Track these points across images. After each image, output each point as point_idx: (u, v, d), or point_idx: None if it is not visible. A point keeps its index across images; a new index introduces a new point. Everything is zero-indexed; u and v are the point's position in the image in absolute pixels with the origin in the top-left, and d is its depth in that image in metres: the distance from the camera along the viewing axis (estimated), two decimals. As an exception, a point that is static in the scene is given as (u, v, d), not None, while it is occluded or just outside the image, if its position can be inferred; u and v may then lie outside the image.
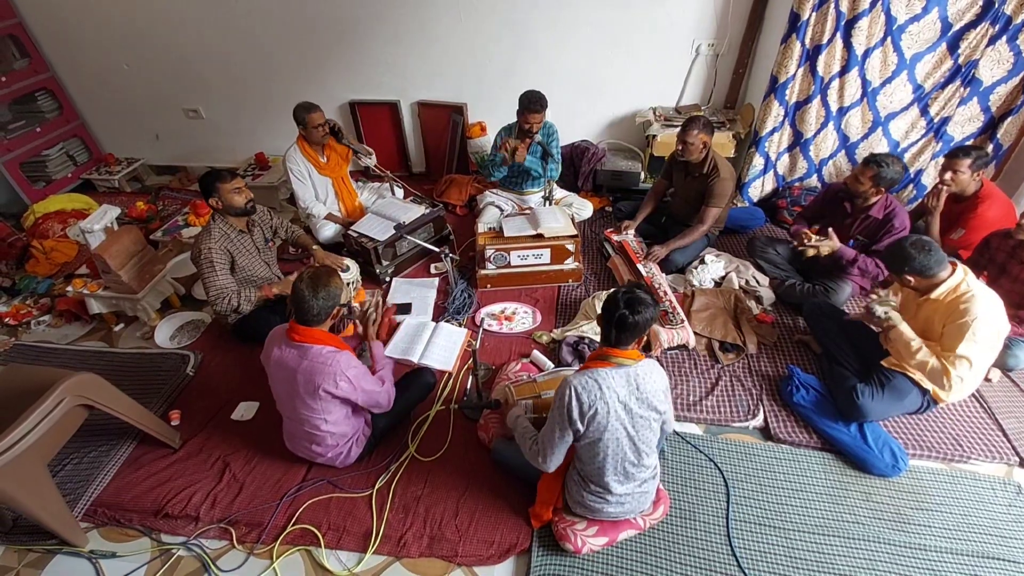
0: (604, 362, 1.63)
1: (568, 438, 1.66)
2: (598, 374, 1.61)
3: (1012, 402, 2.37)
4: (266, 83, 4.09)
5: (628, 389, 1.61)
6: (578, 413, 1.59)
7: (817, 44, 3.07)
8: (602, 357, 1.64)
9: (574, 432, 1.63)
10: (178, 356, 2.75)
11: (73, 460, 2.24)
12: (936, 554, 1.86)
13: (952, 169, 2.55)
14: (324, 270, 1.86)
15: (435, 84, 3.98)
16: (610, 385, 1.59)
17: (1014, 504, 2.00)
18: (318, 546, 1.92)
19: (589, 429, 1.61)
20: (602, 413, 1.59)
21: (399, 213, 3.19)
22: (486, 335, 2.79)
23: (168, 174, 4.75)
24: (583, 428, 1.61)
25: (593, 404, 1.58)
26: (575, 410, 1.59)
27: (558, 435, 1.66)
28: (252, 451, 2.25)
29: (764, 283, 2.99)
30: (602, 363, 1.63)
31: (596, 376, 1.60)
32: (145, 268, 2.90)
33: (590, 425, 1.61)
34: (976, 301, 1.95)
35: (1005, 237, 2.34)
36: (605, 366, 1.62)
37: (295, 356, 1.84)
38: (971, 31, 2.87)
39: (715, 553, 1.87)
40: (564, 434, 1.65)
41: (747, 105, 3.72)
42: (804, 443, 2.23)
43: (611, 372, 1.61)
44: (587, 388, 1.59)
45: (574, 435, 1.65)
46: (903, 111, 3.20)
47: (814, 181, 3.59)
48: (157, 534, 2.00)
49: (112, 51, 4.05)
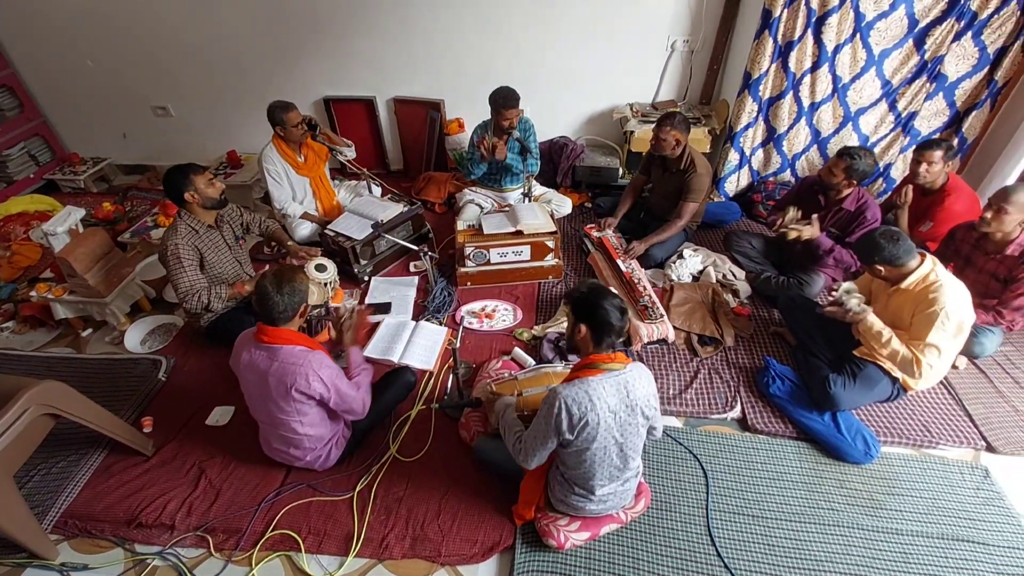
0: (593, 370, 1.58)
1: (552, 445, 1.64)
2: (588, 385, 1.56)
3: (978, 389, 2.45)
4: (238, 78, 3.99)
5: (619, 397, 1.57)
6: (567, 425, 1.56)
7: (789, 40, 3.11)
8: (591, 365, 1.59)
9: (560, 441, 1.61)
10: (149, 361, 2.68)
11: (41, 471, 2.16)
12: (908, 537, 1.91)
13: (926, 161, 2.61)
14: (288, 267, 1.83)
15: (412, 80, 3.93)
16: (600, 395, 1.55)
17: (981, 487, 2.07)
18: (298, 551, 1.89)
19: (578, 439, 1.58)
20: (592, 424, 1.55)
21: (377, 211, 3.15)
22: (467, 333, 2.78)
23: (136, 174, 4.61)
24: (572, 438, 1.58)
25: (584, 416, 1.54)
26: (564, 422, 1.55)
27: (541, 442, 1.64)
28: (228, 456, 2.20)
29: (741, 276, 3.04)
30: (591, 371, 1.58)
31: (587, 387, 1.55)
32: (113, 271, 2.81)
33: (579, 435, 1.57)
34: (944, 290, 2.01)
35: (970, 229, 2.40)
36: (595, 374, 1.57)
37: (265, 358, 1.80)
38: (937, 27, 2.94)
39: (696, 544, 1.89)
40: (548, 441, 1.62)
41: (722, 101, 3.76)
42: (780, 433, 2.27)
43: (601, 380, 1.56)
44: (578, 401, 1.54)
45: (560, 443, 1.63)
46: (872, 106, 3.27)
47: (788, 175, 3.65)
48: (131, 544, 1.94)
49: (75, 46, 3.91)
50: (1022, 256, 2.20)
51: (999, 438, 2.22)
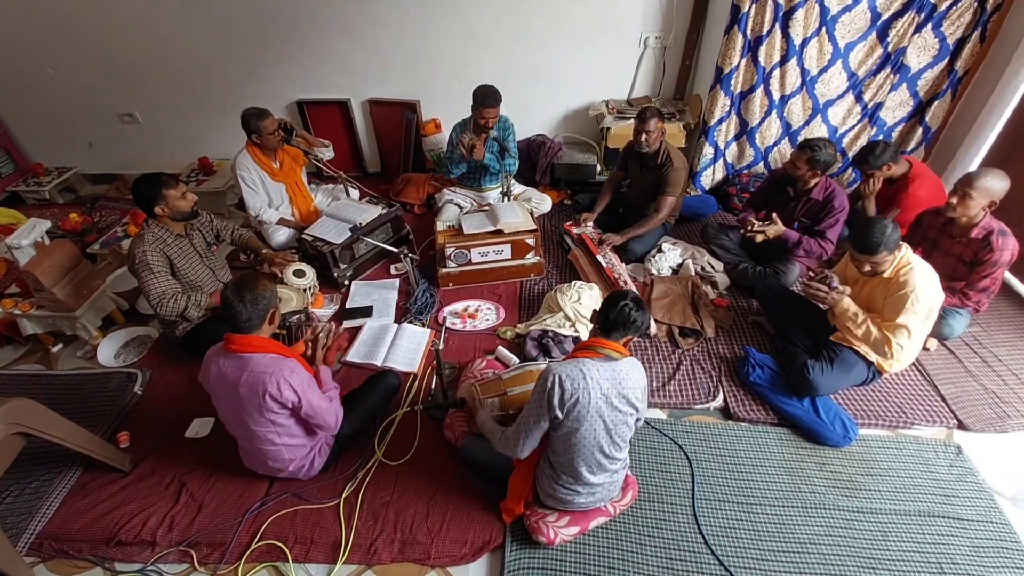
0: (592, 352, 1.64)
1: (544, 424, 1.65)
2: (584, 364, 1.60)
3: (949, 369, 2.53)
4: (207, 83, 3.91)
5: (612, 383, 1.61)
6: (559, 400, 1.58)
7: (758, 35, 3.17)
8: (590, 347, 1.66)
9: (552, 419, 1.62)
10: (124, 375, 2.61)
11: (13, 492, 2.09)
12: (886, 516, 1.97)
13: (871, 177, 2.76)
14: (250, 275, 1.79)
15: (386, 81, 3.90)
16: (594, 376, 1.59)
17: (955, 464, 2.14)
18: (286, 561, 1.86)
19: (568, 418, 1.61)
20: (583, 403, 1.58)
21: (355, 214, 3.12)
22: (450, 334, 2.77)
23: (104, 183, 4.48)
24: (562, 416, 1.60)
25: (575, 393, 1.57)
26: (556, 396, 1.58)
27: (534, 420, 1.65)
28: (210, 469, 2.15)
29: (719, 268, 3.09)
30: (590, 353, 1.64)
31: (582, 366, 1.60)
32: (82, 283, 2.73)
33: (569, 414, 1.60)
34: (915, 273, 2.07)
35: (936, 215, 2.48)
36: (592, 356, 1.63)
37: (235, 368, 1.74)
38: (898, 20, 3.03)
39: (683, 533, 1.92)
40: (540, 420, 1.64)
41: (695, 96, 3.81)
42: (762, 420, 2.32)
43: (598, 363, 1.61)
44: (571, 376, 1.58)
45: (551, 422, 1.64)
46: (839, 98, 3.35)
47: (761, 168, 3.72)
48: (110, 563, 1.89)
49: (35, 53, 3.78)
50: (986, 239, 2.28)
51: (970, 416, 2.29)
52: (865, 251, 2.07)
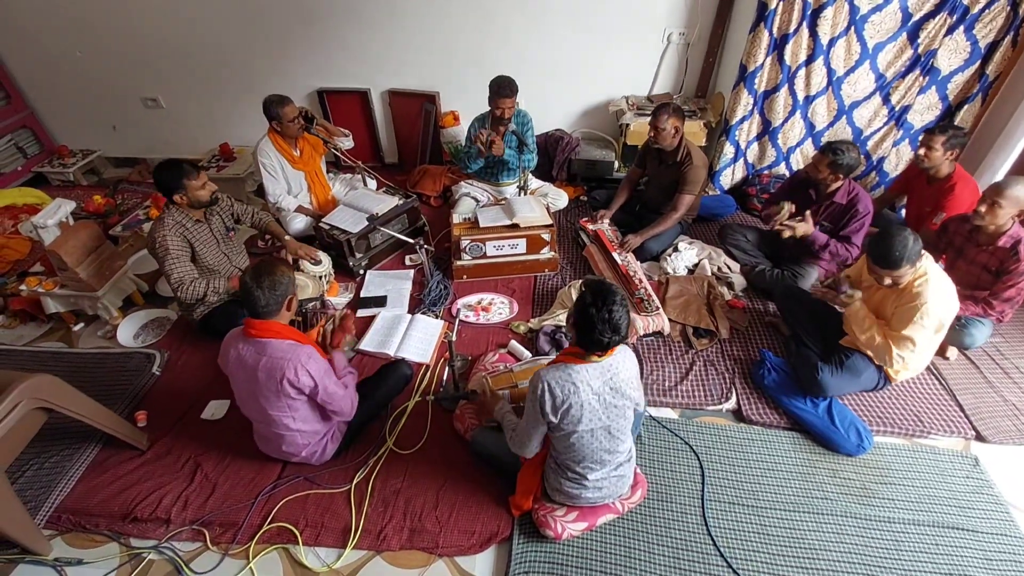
0: (580, 359, 1.61)
1: (542, 428, 1.67)
2: (572, 368, 1.59)
3: (968, 379, 2.48)
4: (230, 70, 3.94)
5: (603, 380, 1.61)
6: (551, 407, 1.59)
7: (784, 33, 3.12)
8: (578, 355, 1.61)
9: (547, 424, 1.64)
10: (143, 355, 2.66)
11: (33, 465, 2.14)
12: (900, 525, 1.94)
13: (925, 145, 2.61)
14: (269, 260, 1.80)
15: (405, 72, 3.90)
16: (584, 379, 1.58)
17: (971, 476, 2.10)
18: (296, 544, 1.88)
19: (563, 422, 1.61)
20: (576, 407, 1.58)
21: (372, 204, 3.13)
22: (463, 326, 2.77)
23: (127, 166, 4.55)
24: (556, 420, 1.61)
25: (567, 399, 1.57)
26: (547, 403, 1.59)
27: (532, 424, 1.67)
28: (224, 450, 2.19)
29: (735, 269, 3.05)
30: (577, 360, 1.61)
31: (570, 371, 1.59)
32: (104, 264, 2.78)
33: (564, 418, 1.60)
34: (929, 285, 2.02)
35: (963, 222, 2.43)
36: (580, 363, 1.60)
37: (253, 353, 1.77)
38: (930, 21, 2.96)
39: (692, 533, 1.91)
40: (537, 425, 1.66)
41: (718, 94, 3.76)
42: (775, 424, 2.29)
43: (585, 367, 1.60)
44: (561, 383, 1.58)
45: (548, 426, 1.65)
46: (866, 99, 3.29)
47: (782, 169, 3.66)
48: (126, 539, 1.93)
49: (63, 37, 3.84)
50: (1013, 248, 2.23)
51: (988, 427, 2.25)
52: (887, 266, 1.98)
